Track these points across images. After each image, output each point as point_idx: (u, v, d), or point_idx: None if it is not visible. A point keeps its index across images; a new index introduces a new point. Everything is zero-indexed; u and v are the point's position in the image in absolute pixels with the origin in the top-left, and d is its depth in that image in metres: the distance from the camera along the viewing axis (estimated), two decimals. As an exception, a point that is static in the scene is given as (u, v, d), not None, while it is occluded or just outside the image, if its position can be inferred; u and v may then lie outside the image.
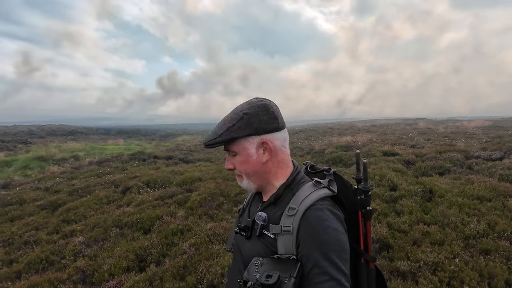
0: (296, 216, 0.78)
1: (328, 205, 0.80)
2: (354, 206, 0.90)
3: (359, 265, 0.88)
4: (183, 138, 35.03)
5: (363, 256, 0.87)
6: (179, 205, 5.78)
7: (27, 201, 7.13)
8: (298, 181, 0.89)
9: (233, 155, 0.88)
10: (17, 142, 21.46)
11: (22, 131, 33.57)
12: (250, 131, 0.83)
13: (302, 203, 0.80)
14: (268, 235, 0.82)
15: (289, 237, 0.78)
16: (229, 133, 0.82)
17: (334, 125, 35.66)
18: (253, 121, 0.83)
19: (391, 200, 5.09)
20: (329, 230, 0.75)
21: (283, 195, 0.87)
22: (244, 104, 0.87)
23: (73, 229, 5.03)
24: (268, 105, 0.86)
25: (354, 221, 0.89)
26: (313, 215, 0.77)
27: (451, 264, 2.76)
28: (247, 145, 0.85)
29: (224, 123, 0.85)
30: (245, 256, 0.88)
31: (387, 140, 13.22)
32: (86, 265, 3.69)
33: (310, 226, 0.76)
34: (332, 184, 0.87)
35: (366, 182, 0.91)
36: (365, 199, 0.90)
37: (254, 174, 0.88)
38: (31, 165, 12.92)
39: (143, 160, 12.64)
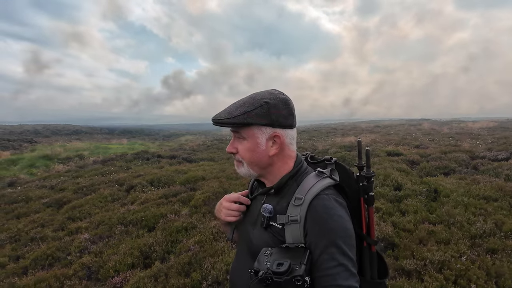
0: (303, 205, 0.80)
1: (332, 194, 0.82)
2: (356, 193, 0.91)
3: (362, 248, 0.90)
4: (186, 138, 35.16)
5: (366, 239, 0.90)
6: (183, 204, 5.81)
7: (33, 199, 7.21)
8: (302, 172, 0.90)
9: (239, 140, 0.88)
10: (22, 141, 21.71)
11: (27, 130, 33.96)
12: (267, 121, 0.83)
13: (308, 193, 0.81)
14: (275, 226, 0.83)
15: (297, 226, 0.79)
16: (246, 117, 0.81)
17: (337, 125, 35.56)
18: (272, 112, 0.83)
19: (396, 199, 5.06)
20: (336, 218, 0.77)
21: (287, 185, 0.88)
22: (264, 93, 0.86)
23: (78, 226, 5.07)
24: (289, 101, 0.87)
25: (357, 207, 0.91)
26: (320, 204, 0.79)
27: (458, 263, 2.74)
28: (259, 134, 0.85)
29: (240, 105, 0.83)
30: (253, 246, 0.88)
31: (391, 141, 13.15)
32: (91, 261, 3.72)
33: (317, 214, 0.78)
34: (334, 173, 0.89)
35: (369, 168, 0.92)
36: (367, 185, 0.90)
37: (257, 164, 0.88)
38: (36, 163, 13.06)
39: (146, 159, 12.70)
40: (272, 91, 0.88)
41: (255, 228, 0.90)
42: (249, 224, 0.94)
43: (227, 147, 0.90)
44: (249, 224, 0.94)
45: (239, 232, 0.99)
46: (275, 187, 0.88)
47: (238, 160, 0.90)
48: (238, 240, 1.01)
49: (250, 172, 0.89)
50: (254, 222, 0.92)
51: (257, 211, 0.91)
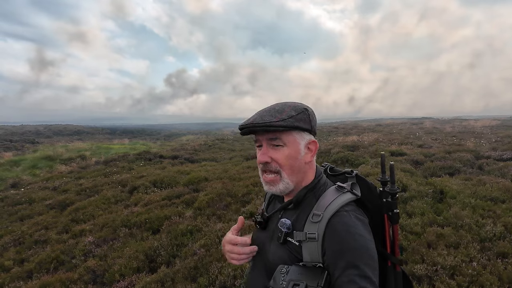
0: (321, 223, 0.76)
1: (353, 211, 0.79)
2: (379, 209, 0.86)
3: (386, 268, 0.86)
4: (188, 137, 35.15)
5: (390, 259, 0.85)
6: (186, 205, 5.78)
7: (36, 201, 7.21)
8: (321, 185, 0.87)
9: (276, 147, 0.82)
10: (24, 142, 21.74)
11: (29, 131, 34.03)
12: (309, 127, 0.83)
13: (326, 209, 0.78)
14: (292, 242, 0.80)
15: (315, 245, 0.76)
16: (294, 121, 0.79)
17: (339, 124, 35.47)
18: (312, 118, 0.84)
19: (402, 201, 5.00)
20: (356, 237, 0.73)
21: (305, 198, 0.85)
22: (296, 102, 0.86)
23: (82, 228, 5.05)
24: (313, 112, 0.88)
25: (380, 224, 0.86)
26: (339, 222, 0.75)
27: (469, 268, 2.69)
28: (300, 140, 0.83)
29: (282, 110, 0.80)
30: (269, 263, 0.86)
31: (394, 140, 13.08)
32: (96, 265, 3.70)
33: (336, 233, 0.74)
34: (355, 187, 0.85)
35: (393, 184, 0.87)
36: (391, 201, 0.86)
37: (297, 173, 0.84)
38: (39, 164, 13.06)
39: (149, 160, 12.69)
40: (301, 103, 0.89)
41: (271, 243, 0.88)
42: (266, 238, 0.91)
43: (260, 157, 0.82)
44: (266, 238, 0.91)
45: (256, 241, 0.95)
46: (294, 200, 0.86)
47: (274, 171, 0.83)
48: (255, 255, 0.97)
49: (288, 185, 0.83)
50: (271, 236, 0.89)
51: (274, 225, 0.88)
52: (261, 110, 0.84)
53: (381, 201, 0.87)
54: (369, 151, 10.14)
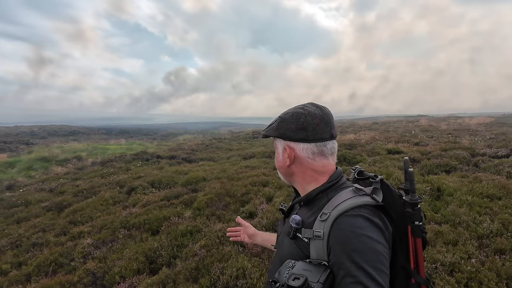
0: (327, 221, 0.76)
1: (365, 213, 0.75)
2: (403, 219, 0.80)
3: (410, 286, 0.79)
4: (185, 137, 35.01)
5: (414, 277, 0.78)
6: (185, 206, 5.77)
7: (32, 203, 7.13)
8: (337, 187, 0.86)
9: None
10: (19, 143, 21.47)
11: (23, 132, 33.59)
12: (277, 134, 0.91)
13: (335, 208, 0.77)
14: (301, 239, 0.82)
15: (320, 243, 0.77)
16: (267, 131, 0.94)
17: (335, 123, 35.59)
18: (281, 126, 0.90)
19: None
20: (363, 239, 0.71)
21: (316, 199, 0.87)
22: (290, 108, 0.94)
23: (80, 230, 5.02)
24: (301, 115, 0.87)
25: (404, 236, 0.79)
26: (345, 221, 0.74)
27: (468, 265, 2.73)
28: (278, 145, 0.95)
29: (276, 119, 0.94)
30: (282, 255, 0.89)
31: (390, 138, 13.16)
32: (96, 267, 3.68)
33: (340, 233, 0.73)
34: (376, 192, 0.80)
35: (414, 193, 0.79)
36: (412, 212, 0.78)
37: (282, 173, 0.97)
38: (34, 166, 12.92)
39: (146, 160, 12.62)
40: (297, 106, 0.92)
41: (286, 238, 0.90)
42: (284, 233, 0.94)
43: None
44: (284, 233, 0.94)
45: (279, 240, 1.01)
46: (304, 199, 0.89)
47: None
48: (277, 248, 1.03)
49: (282, 178, 0.99)
50: (287, 231, 0.91)
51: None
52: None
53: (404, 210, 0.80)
54: (366, 150, 10.21)
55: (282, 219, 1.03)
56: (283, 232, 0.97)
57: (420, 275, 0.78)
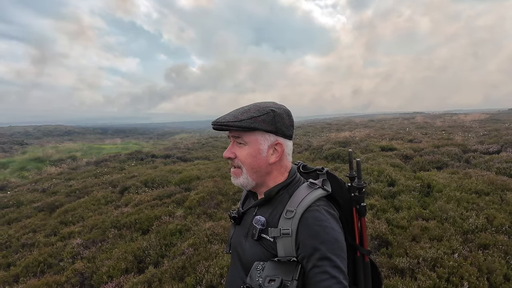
0: (294, 218, 0.79)
1: (324, 206, 0.82)
2: (349, 203, 0.91)
3: (356, 259, 0.90)
4: (181, 136, 34.91)
5: (359, 250, 0.90)
6: (177, 205, 5.76)
7: (24, 203, 7.09)
8: (295, 183, 0.91)
9: (239, 145, 0.87)
10: (13, 143, 21.27)
11: (18, 132, 33.30)
12: (272, 128, 0.85)
13: (299, 205, 0.81)
14: (267, 239, 0.83)
15: (289, 240, 0.78)
16: (253, 122, 0.82)
17: (332, 120, 35.72)
18: (277, 120, 0.85)
19: (390, 195, 5.09)
20: (328, 230, 0.77)
21: (278, 194, 0.89)
22: (269, 103, 0.88)
23: (71, 230, 5.00)
24: (290, 113, 0.90)
25: (350, 217, 0.90)
26: (311, 216, 0.79)
27: (450, 260, 2.76)
28: (262, 141, 0.86)
29: (247, 111, 0.85)
30: (245, 259, 0.88)
31: (385, 135, 13.23)
32: (84, 267, 3.67)
33: (309, 227, 0.77)
34: (326, 183, 0.88)
35: (360, 179, 0.92)
36: (359, 196, 0.91)
37: (256, 171, 0.88)
38: (27, 166, 12.82)
39: (140, 159, 12.57)
40: (275, 103, 0.91)
41: (247, 240, 0.90)
42: (242, 236, 0.94)
43: (225, 152, 0.89)
44: (242, 236, 0.94)
45: (233, 244, 0.99)
46: (266, 195, 0.88)
47: (236, 166, 0.89)
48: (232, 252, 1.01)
49: (248, 180, 0.88)
50: (246, 234, 0.91)
51: (249, 223, 0.91)
52: (235, 109, 0.89)
53: (350, 195, 0.91)
54: (360, 147, 10.25)
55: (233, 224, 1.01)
56: (238, 235, 0.96)
57: (364, 248, 0.90)
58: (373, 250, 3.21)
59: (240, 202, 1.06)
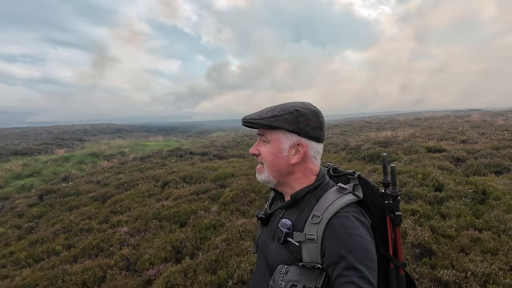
0: (320, 224, 0.77)
1: (353, 212, 0.79)
2: (381, 211, 0.86)
3: (389, 270, 0.85)
4: (218, 134, 36.10)
5: (393, 262, 0.85)
6: (212, 200, 6.00)
7: (82, 193, 8.02)
8: (323, 187, 0.88)
9: (264, 143, 0.89)
10: (74, 140, 24.15)
11: (78, 130, 37.67)
12: (294, 128, 0.84)
13: (326, 210, 0.78)
14: (292, 243, 0.82)
15: (314, 246, 0.77)
16: (274, 120, 0.83)
17: (373, 119, 33.72)
18: (301, 120, 0.84)
19: (436, 201, 4.67)
20: (356, 238, 0.74)
21: (305, 198, 0.86)
22: (297, 103, 0.88)
23: (119, 219, 5.53)
24: (320, 114, 0.88)
25: (382, 226, 0.86)
26: (338, 222, 0.76)
27: (507, 277, 2.45)
28: (283, 139, 0.85)
29: (272, 109, 0.86)
30: (271, 261, 0.88)
31: (433, 135, 12.10)
32: (130, 253, 4.04)
33: (335, 234, 0.75)
34: (357, 188, 0.84)
35: (395, 186, 0.88)
36: (393, 204, 0.86)
37: (277, 170, 0.87)
38: (85, 160, 14.45)
39: (180, 156, 13.33)
40: (306, 102, 0.89)
41: (273, 242, 0.89)
42: (268, 237, 0.93)
43: (251, 149, 0.91)
44: (268, 238, 0.93)
45: (260, 245, 0.99)
46: (292, 196, 0.87)
47: (260, 163, 0.91)
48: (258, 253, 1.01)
49: (269, 178, 0.89)
50: (272, 236, 0.91)
51: (276, 225, 0.90)
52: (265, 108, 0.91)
53: (383, 203, 0.87)
54: (402, 147, 9.54)
55: (260, 225, 1.01)
56: (265, 236, 0.96)
57: (398, 259, 0.85)
58: (413, 259, 2.99)
59: (268, 203, 1.06)
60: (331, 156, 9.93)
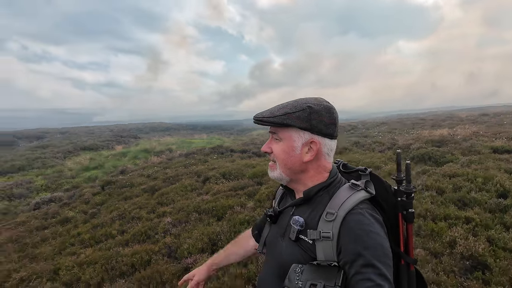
0: (335, 221, 0.76)
1: (368, 209, 0.78)
2: (394, 208, 0.85)
3: (400, 267, 0.84)
4: (258, 132, 36.59)
5: (404, 258, 0.84)
6: (249, 197, 6.16)
7: (135, 185, 8.93)
8: (336, 184, 0.86)
9: (276, 141, 0.88)
10: (130, 137, 26.94)
11: (133, 128, 41.89)
12: (306, 125, 0.82)
13: (341, 207, 0.77)
14: (305, 240, 0.81)
15: (329, 243, 0.76)
16: (286, 118, 0.82)
17: (427, 115, 30.54)
18: (313, 117, 0.82)
19: (498, 209, 4.08)
20: (372, 235, 0.73)
21: (318, 195, 0.85)
22: (310, 98, 0.86)
23: (164, 210, 6.03)
24: (333, 109, 0.86)
25: (395, 223, 0.85)
26: (354, 219, 0.75)
27: None
28: (296, 137, 0.84)
29: (284, 107, 0.84)
30: (281, 259, 0.87)
31: (502, 133, 10.47)
32: (171, 242, 4.39)
33: (351, 231, 0.74)
34: (369, 185, 0.83)
35: (409, 183, 0.85)
36: (407, 201, 0.85)
37: (290, 168, 0.86)
38: (139, 155, 16.02)
39: (221, 153, 13.89)
40: (319, 98, 0.87)
41: (283, 240, 0.89)
42: (279, 235, 0.92)
43: (263, 147, 0.91)
44: (278, 236, 0.92)
45: (268, 243, 0.98)
46: (305, 193, 0.86)
47: (272, 160, 0.90)
48: (266, 251, 1.00)
49: (282, 175, 0.88)
50: (283, 233, 0.90)
51: (286, 222, 0.89)
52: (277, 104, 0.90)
53: (396, 199, 0.85)
54: (461, 147, 8.49)
55: (269, 223, 1.00)
56: (274, 235, 0.95)
57: (409, 256, 0.84)
58: (462, 272, 2.68)
59: (276, 200, 1.04)
60: (375, 156, 9.32)
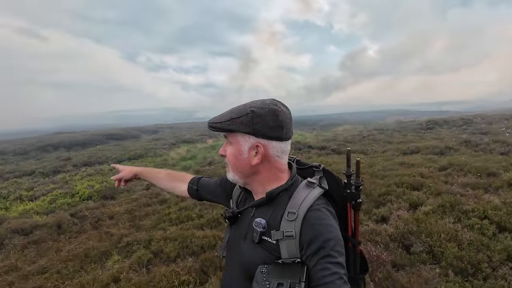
0: (297, 220, 0.80)
1: (324, 204, 0.84)
2: (343, 199, 0.93)
3: (348, 249, 0.92)
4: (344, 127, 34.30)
5: (351, 241, 0.93)
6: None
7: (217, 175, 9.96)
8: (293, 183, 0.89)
9: (228, 144, 0.91)
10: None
11: (224, 124, 46.63)
12: (249, 130, 0.83)
13: (300, 206, 0.81)
14: (269, 241, 0.83)
15: (293, 242, 0.79)
16: (230, 124, 0.84)
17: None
18: (256, 121, 0.82)
19: None
20: (329, 228, 0.79)
21: (279, 196, 0.87)
22: (257, 101, 0.86)
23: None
24: (279, 112, 0.84)
25: (343, 211, 0.93)
26: (313, 216, 0.80)
27: None
28: (242, 142, 0.86)
29: (231, 112, 0.87)
30: (244, 261, 0.88)
31: None
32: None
33: (312, 228, 0.78)
34: (322, 181, 0.89)
35: (358, 178, 0.94)
36: (355, 193, 0.93)
37: (240, 171, 0.89)
38: (225, 149, 17.76)
39: (299, 149, 13.77)
40: (266, 101, 0.86)
41: (245, 242, 0.90)
42: (240, 237, 0.92)
43: (220, 150, 0.94)
44: (240, 238, 0.93)
45: (229, 245, 0.98)
46: (268, 195, 0.87)
47: (226, 164, 0.93)
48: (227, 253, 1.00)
49: (236, 178, 0.91)
50: (244, 235, 0.91)
51: (247, 224, 0.91)
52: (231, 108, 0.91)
53: (345, 192, 0.93)
54: None
55: (229, 225, 1.00)
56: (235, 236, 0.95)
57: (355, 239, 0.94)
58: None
59: (234, 201, 1.03)
60: (492, 159, 7.25)
